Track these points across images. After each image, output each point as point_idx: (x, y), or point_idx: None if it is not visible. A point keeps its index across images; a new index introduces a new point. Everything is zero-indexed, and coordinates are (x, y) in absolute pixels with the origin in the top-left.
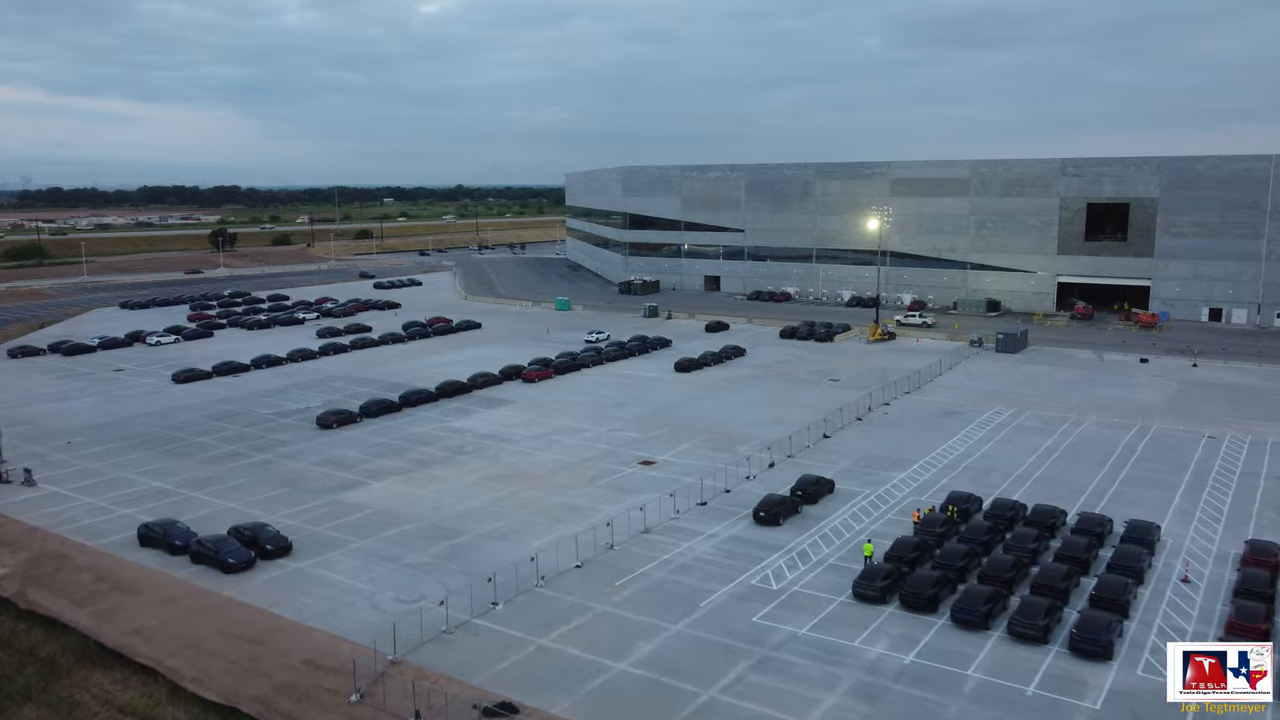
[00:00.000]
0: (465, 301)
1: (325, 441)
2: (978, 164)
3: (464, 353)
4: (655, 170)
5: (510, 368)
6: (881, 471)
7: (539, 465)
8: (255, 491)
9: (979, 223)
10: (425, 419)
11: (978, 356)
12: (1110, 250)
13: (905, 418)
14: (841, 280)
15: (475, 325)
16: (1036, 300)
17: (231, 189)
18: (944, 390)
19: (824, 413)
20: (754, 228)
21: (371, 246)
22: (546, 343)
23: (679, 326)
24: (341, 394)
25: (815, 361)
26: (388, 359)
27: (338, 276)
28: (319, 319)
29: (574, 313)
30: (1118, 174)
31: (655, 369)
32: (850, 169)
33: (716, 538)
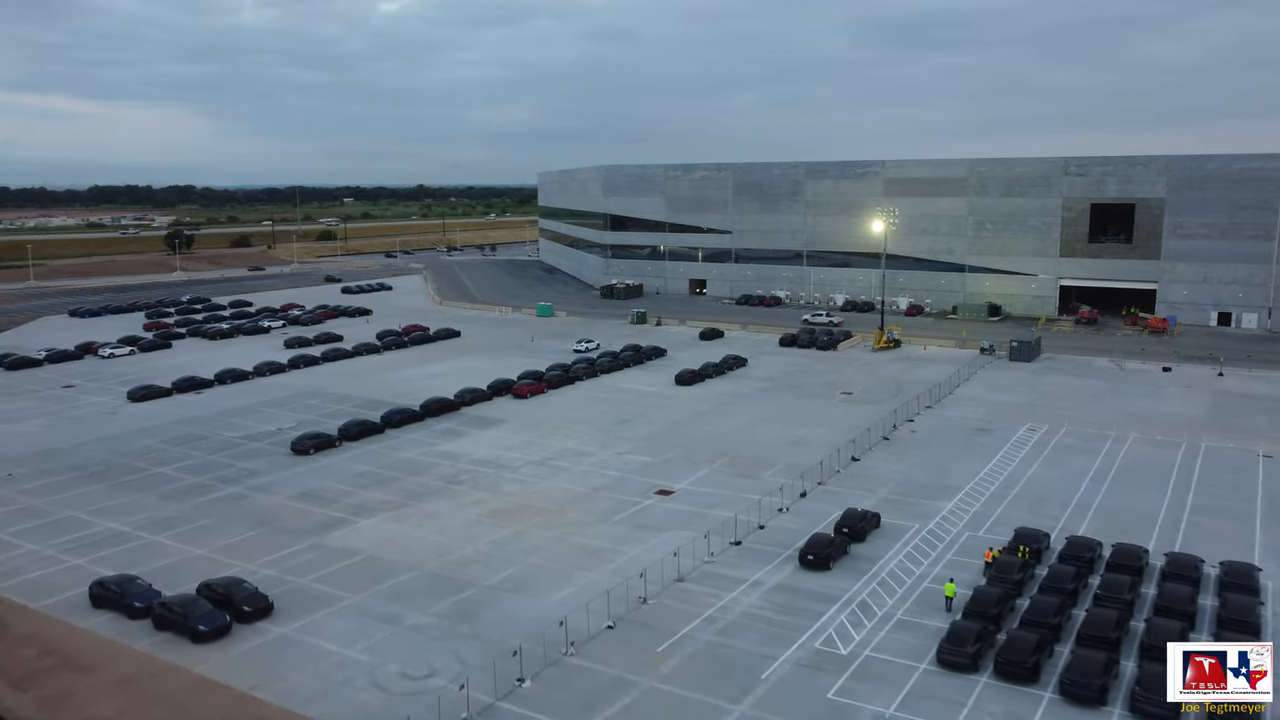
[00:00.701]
0: (440, 307)
1: (302, 470)
2: (976, 163)
3: (445, 364)
4: (637, 169)
5: (499, 382)
6: (926, 501)
7: (545, 497)
8: (226, 533)
9: (977, 224)
10: (411, 442)
11: (992, 366)
12: (1115, 252)
13: (935, 436)
14: (834, 284)
15: (454, 333)
16: (1038, 304)
17: (186, 188)
18: (967, 404)
19: (845, 431)
20: (741, 229)
21: (335, 248)
22: (532, 352)
23: (670, 334)
24: (316, 413)
25: (822, 372)
26: (364, 372)
27: (302, 280)
28: (285, 327)
29: (557, 319)
30: (1123, 173)
31: (654, 382)
32: (842, 168)
33: (761, 586)
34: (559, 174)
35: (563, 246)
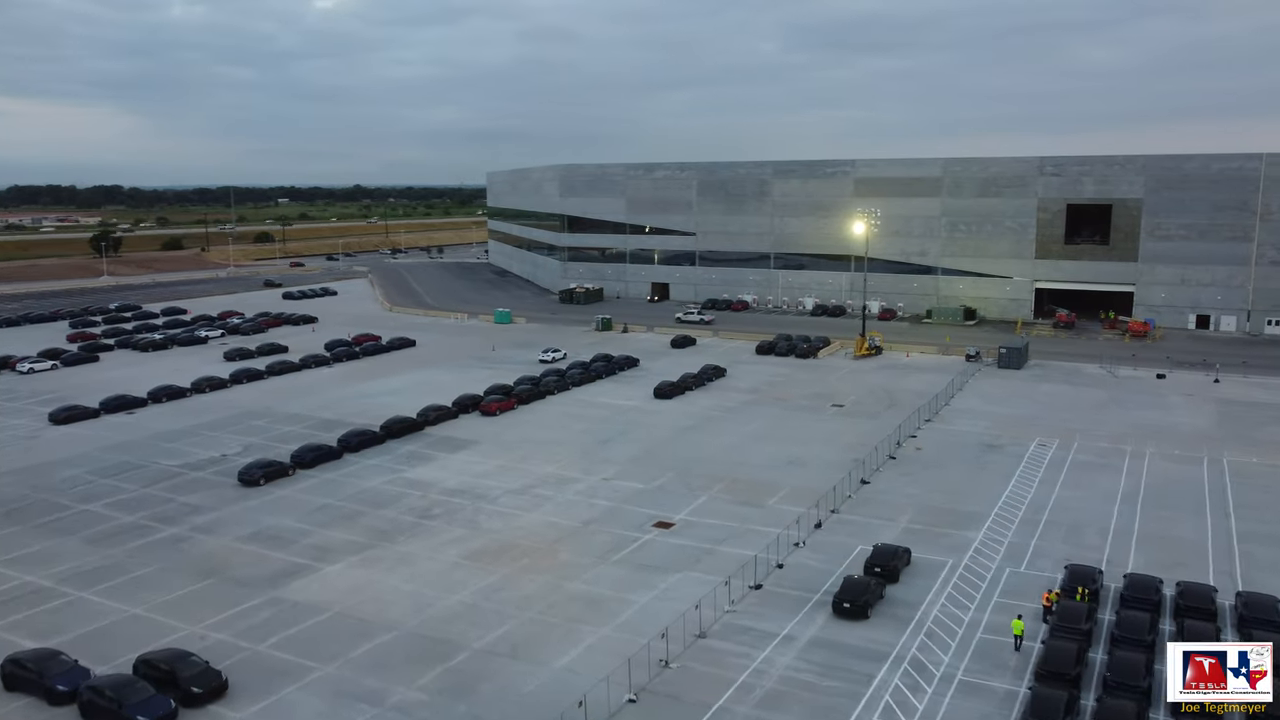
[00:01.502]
0: (390, 314)
1: (252, 505)
2: (949, 162)
3: (403, 378)
4: (596, 169)
5: (465, 397)
6: (952, 530)
7: (532, 533)
8: (166, 586)
9: (951, 225)
10: (374, 469)
11: (982, 374)
12: (1091, 254)
13: (944, 454)
14: (803, 287)
15: (409, 343)
16: (1013, 307)
17: (113, 189)
18: (967, 417)
19: (845, 448)
20: (706, 231)
21: (273, 251)
22: (494, 363)
23: (639, 341)
24: (264, 436)
25: (806, 382)
26: (314, 387)
27: (240, 285)
28: (225, 337)
29: (517, 326)
30: (1100, 173)
31: (631, 395)
32: (810, 167)
33: (796, 642)
34: (509, 174)
35: (515, 249)
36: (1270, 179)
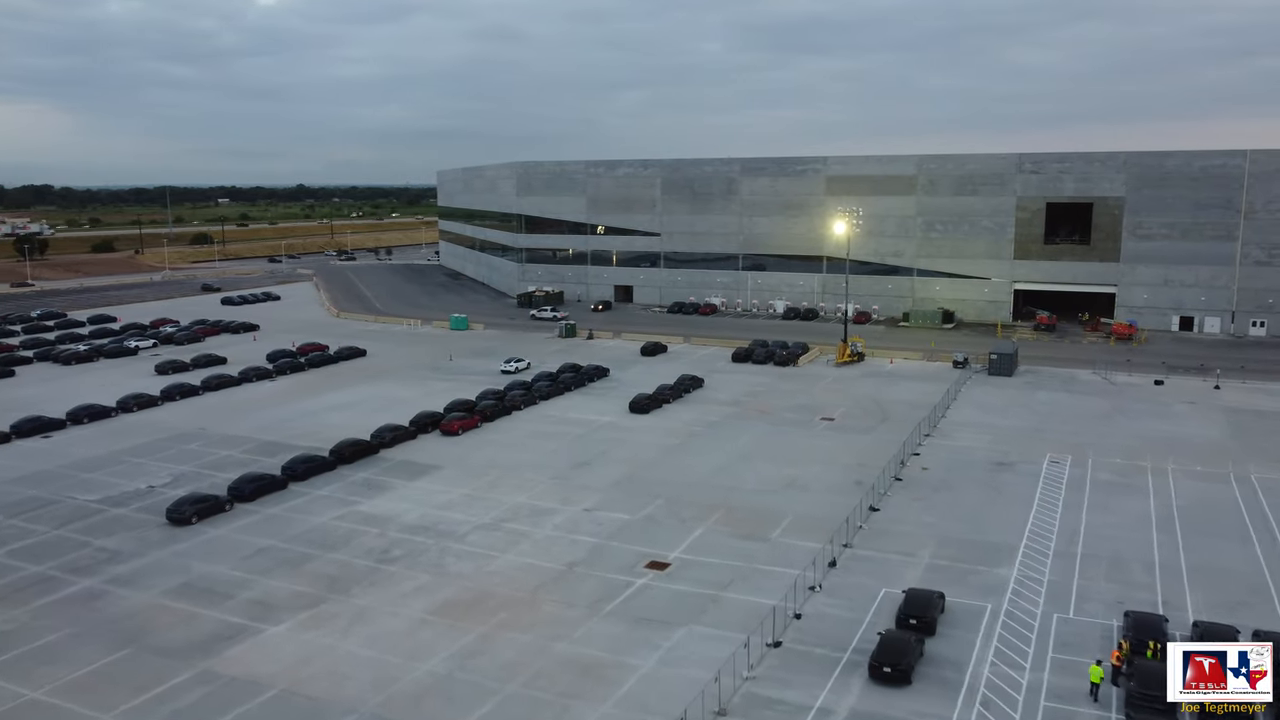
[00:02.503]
0: (338, 320)
1: (182, 549)
2: (924, 159)
3: (353, 392)
4: (555, 166)
5: (424, 415)
6: (982, 567)
7: (508, 579)
8: (74, 659)
9: (927, 224)
10: (324, 501)
11: (973, 382)
12: (1072, 254)
13: (952, 475)
14: (774, 289)
15: (359, 352)
16: (991, 310)
17: (43, 188)
18: (968, 430)
19: (844, 468)
20: (671, 231)
21: (212, 253)
22: (453, 374)
23: (607, 349)
24: (198, 463)
25: (790, 393)
26: (254, 404)
27: (175, 290)
28: (157, 348)
29: (474, 333)
30: (1080, 171)
31: (605, 409)
32: (780, 165)
33: (833, 718)
34: (462, 172)
35: (469, 250)
36: (1254, 176)
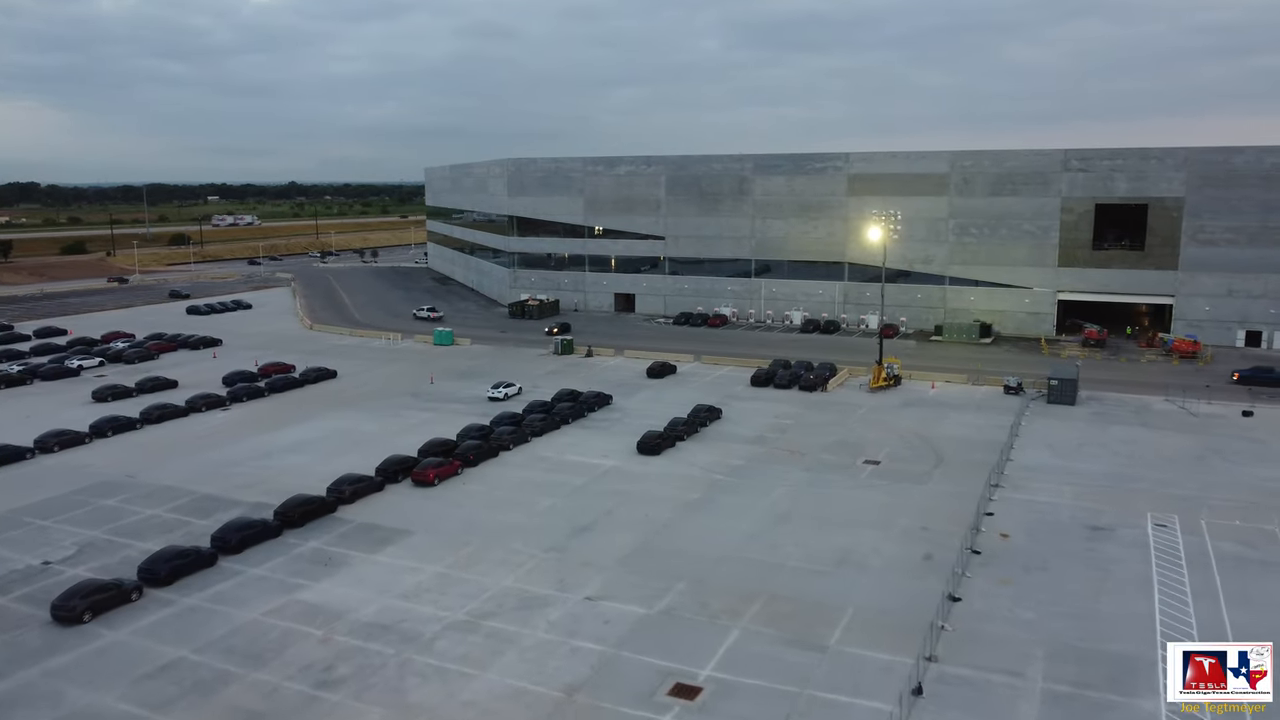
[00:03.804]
0: (311, 333)
1: (60, 666)
2: (958, 156)
3: (316, 425)
4: (550, 164)
5: (393, 461)
6: (1116, 696)
7: (489, 715)
8: None
9: (960, 228)
10: (259, 584)
11: (1032, 412)
12: (1123, 261)
13: (1040, 544)
14: (790, 299)
15: (328, 374)
16: (1032, 322)
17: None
18: (1043, 479)
19: (904, 534)
20: (677, 234)
21: (188, 255)
22: (433, 402)
23: (608, 369)
24: (113, 526)
25: (822, 427)
26: (199, 441)
27: (141, 296)
28: (102, 367)
29: (460, 349)
30: (1134, 169)
31: (608, 449)
32: (797, 162)
33: None
34: (450, 170)
35: (457, 253)
36: None
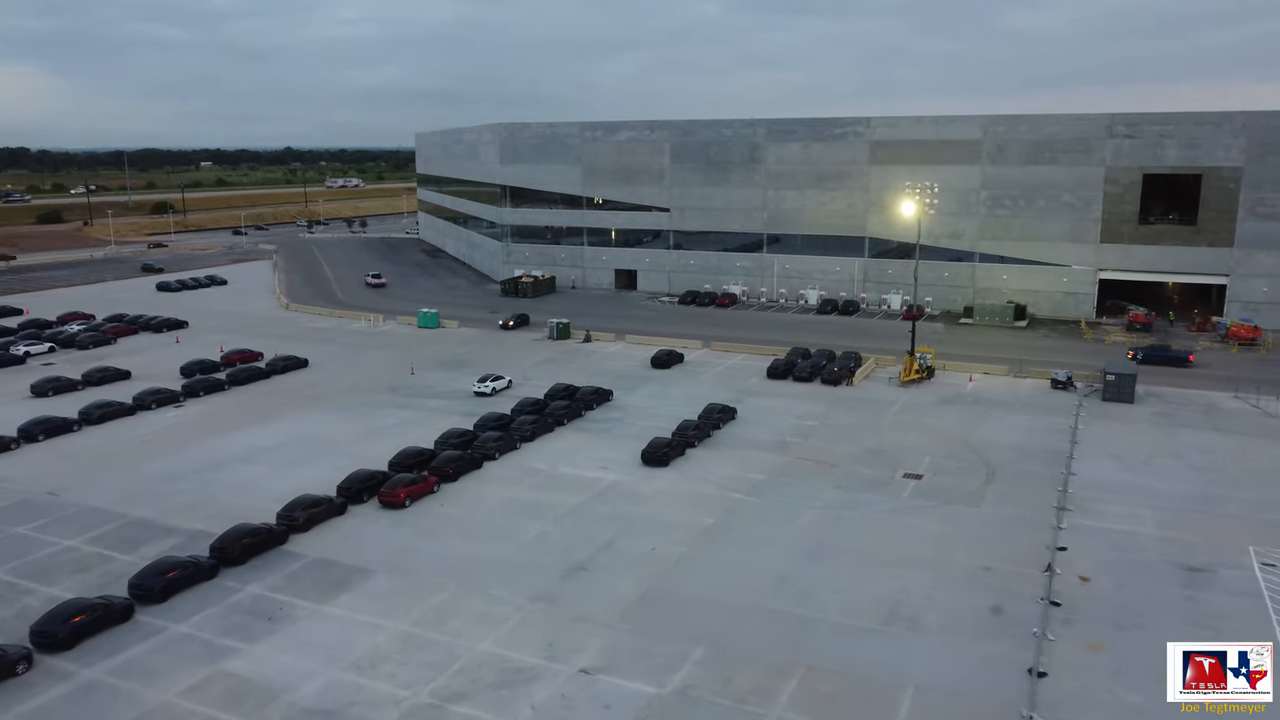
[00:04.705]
0: (287, 313)
1: None
2: (992, 121)
3: (278, 427)
4: (545, 129)
5: (358, 477)
6: None
7: None
8: None
9: (993, 200)
10: (178, 649)
11: (1088, 413)
12: (1173, 237)
13: (1129, 592)
14: (805, 276)
15: (299, 362)
16: (1070, 303)
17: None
18: (1116, 500)
19: (964, 575)
20: (682, 206)
21: (168, 224)
22: (413, 395)
23: (607, 357)
24: (16, 565)
25: (852, 431)
26: (142, 448)
27: (112, 270)
28: (52, 353)
29: (445, 332)
30: (1187, 134)
31: (609, 458)
32: (814, 127)
33: None
34: (440, 135)
35: (449, 224)
36: None
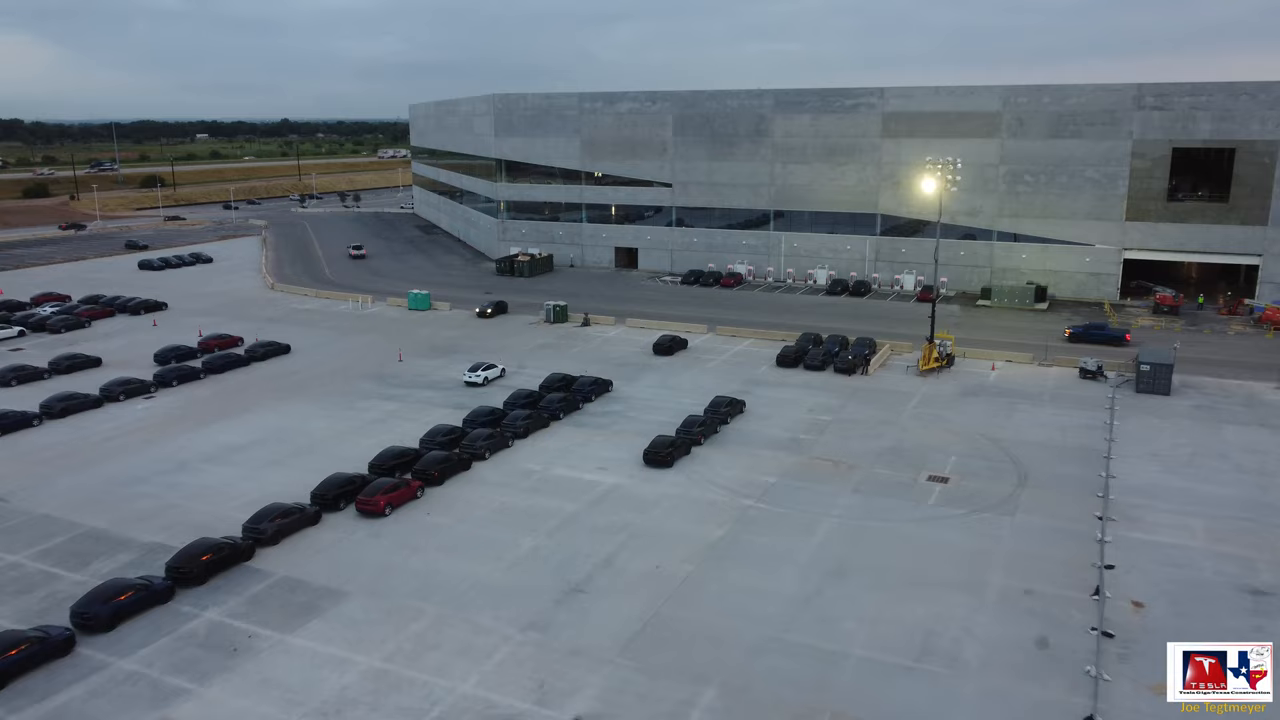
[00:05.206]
0: (272, 294)
1: None
2: (1013, 91)
3: (251, 422)
4: (541, 100)
5: (335, 482)
6: None
7: None
8: None
9: (1013, 175)
10: (120, 691)
11: (1121, 405)
12: (1203, 215)
13: (1188, 619)
14: (813, 255)
15: (281, 349)
16: (1092, 284)
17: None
18: (1162, 507)
19: (1003, 599)
20: (686, 181)
21: (159, 198)
22: (400, 385)
23: (607, 342)
24: None
25: (869, 426)
26: (102, 447)
27: (94, 247)
28: (22, 338)
29: (437, 313)
30: (1220, 106)
31: (608, 458)
32: (823, 98)
33: None
34: (434, 106)
35: (443, 199)
36: None
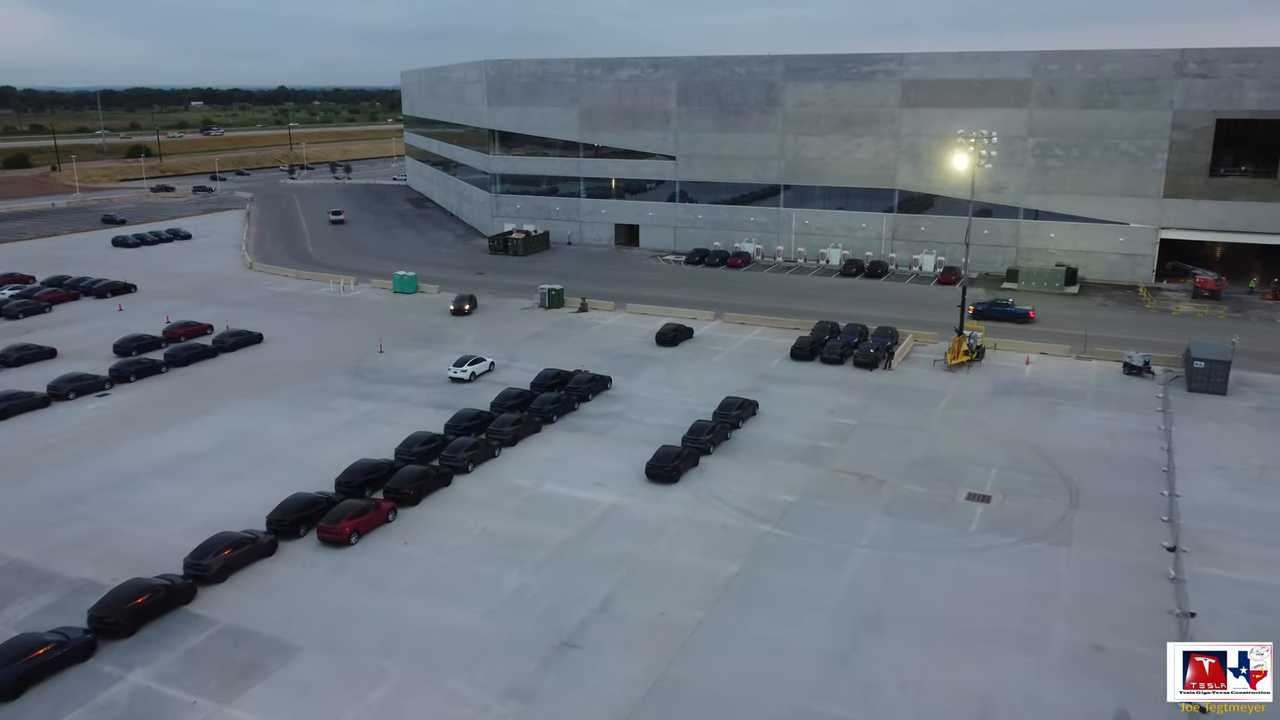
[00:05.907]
0: (250, 274)
1: None
2: (1043, 57)
3: (210, 426)
4: (536, 67)
5: (294, 504)
6: None
7: None
8: None
9: (1042, 149)
10: None
11: (1177, 408)
12: (1248, 192)
13: None
14: (826, 233)
15: (253, 338)
16: (1126, 266)
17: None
18: (1238, 536)
19: (1069, 659)
20: (690, 153)
21: (140, 169)
22: (378, 381)
23: (606, 331)
24: None
25: (896, 433)
26: (41, 456)
27: (69, 222)
28: None
29: (424, 297)
30: (1271, 73)
31: (605, 471)
32: (838, 65)
33: None
34: (426, 74)
35: (435, 170)
36: None
